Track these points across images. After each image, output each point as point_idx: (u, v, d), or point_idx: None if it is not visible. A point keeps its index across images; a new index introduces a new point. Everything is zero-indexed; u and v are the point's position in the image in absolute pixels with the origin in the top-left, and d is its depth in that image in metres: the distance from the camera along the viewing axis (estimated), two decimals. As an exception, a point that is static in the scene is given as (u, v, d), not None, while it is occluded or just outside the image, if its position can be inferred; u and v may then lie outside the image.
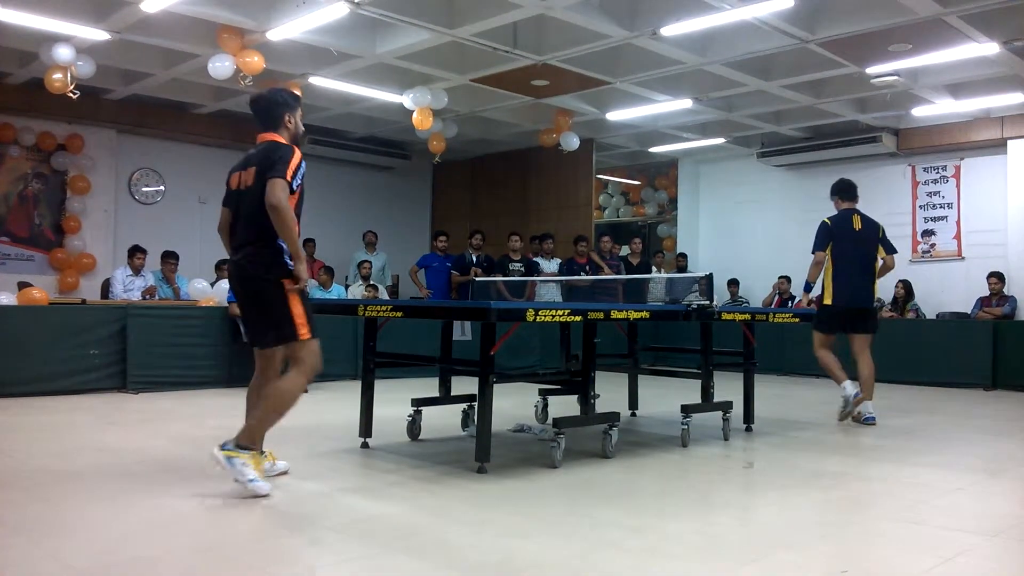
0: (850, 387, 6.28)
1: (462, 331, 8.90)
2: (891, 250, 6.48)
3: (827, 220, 6.50)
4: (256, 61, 7.77)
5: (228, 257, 3.89)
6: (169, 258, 9.19)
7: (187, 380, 7.78)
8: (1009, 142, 10.46)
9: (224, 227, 3.91)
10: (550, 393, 5.99)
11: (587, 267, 10.57)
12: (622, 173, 15.00)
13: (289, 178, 3.56)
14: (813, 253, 6.44)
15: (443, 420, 5.68)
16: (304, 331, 3.62)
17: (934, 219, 11.24)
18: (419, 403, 5.24)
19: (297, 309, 3.61)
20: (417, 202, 14.29)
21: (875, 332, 6.45)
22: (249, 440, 3.59)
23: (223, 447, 3.58)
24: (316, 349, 3.70)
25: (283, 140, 3.79)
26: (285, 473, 4.04)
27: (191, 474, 4.16)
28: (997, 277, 10.02)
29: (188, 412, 6.48)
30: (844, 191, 6.57)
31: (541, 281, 10.12)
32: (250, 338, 3.88)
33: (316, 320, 3.78)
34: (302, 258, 3.66)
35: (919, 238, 11.34)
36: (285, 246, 3.63)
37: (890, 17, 7.09)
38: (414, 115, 9.43)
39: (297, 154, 3.67)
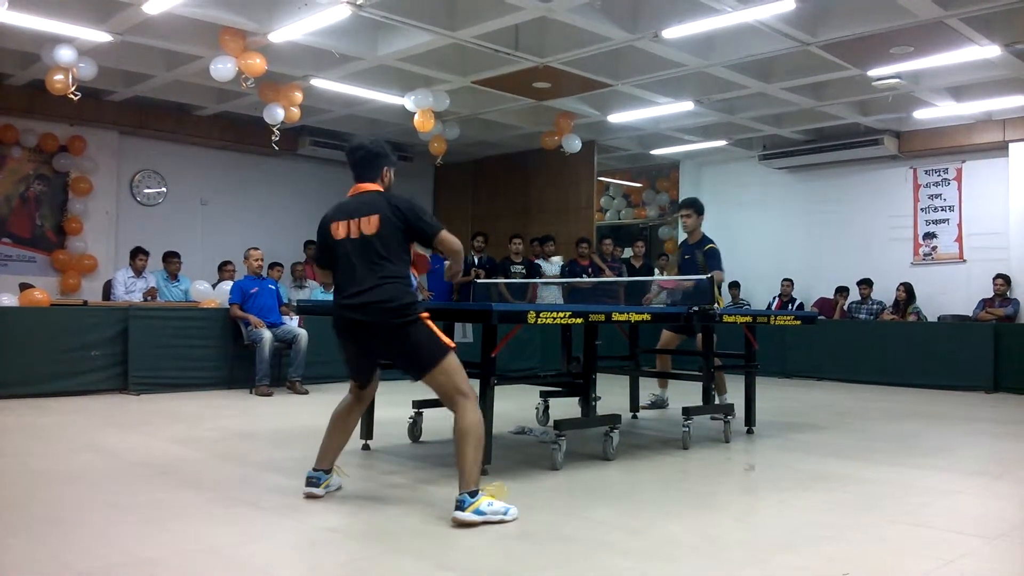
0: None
1: (463, 333, 8.93)
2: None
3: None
4: (258, 63, 7.78)
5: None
6: (171, 257, 9.24)
7: (188, 382, 7.78)
8: (1011, 145, 10.46)
9: (328, 280, 3.82)
10: (551, 395, 5.99)
11: (589, 269, 10.58)
12: (624, 175, 14.99)
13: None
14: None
15: (444, 422, 5.62)
16: (448, 339, 3.57)
17: (935, 222, 11.23)
18: (420, 405, 5.25)
19: (436, 330, 3.58)
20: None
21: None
22: (474, 484, 3.40)
23: (461, 509, 3.30)
24: (458, 365, 3.57)
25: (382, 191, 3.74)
26: (339, 488, 3.89)
27: (191, 475, 4.17)
28: (1003, 279, 10.02)
29: (189, 413, 6.48)
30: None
31: (543, 283, 10.12)
32: (411, 375, 3.65)
33: (322, 321, 3.73)
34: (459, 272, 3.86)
35: (920, 241, 11.33)
36: (414, 280, 3.70)
37: (892, 20, 7.08)
38: (415, 117, 9.43)
39: None
